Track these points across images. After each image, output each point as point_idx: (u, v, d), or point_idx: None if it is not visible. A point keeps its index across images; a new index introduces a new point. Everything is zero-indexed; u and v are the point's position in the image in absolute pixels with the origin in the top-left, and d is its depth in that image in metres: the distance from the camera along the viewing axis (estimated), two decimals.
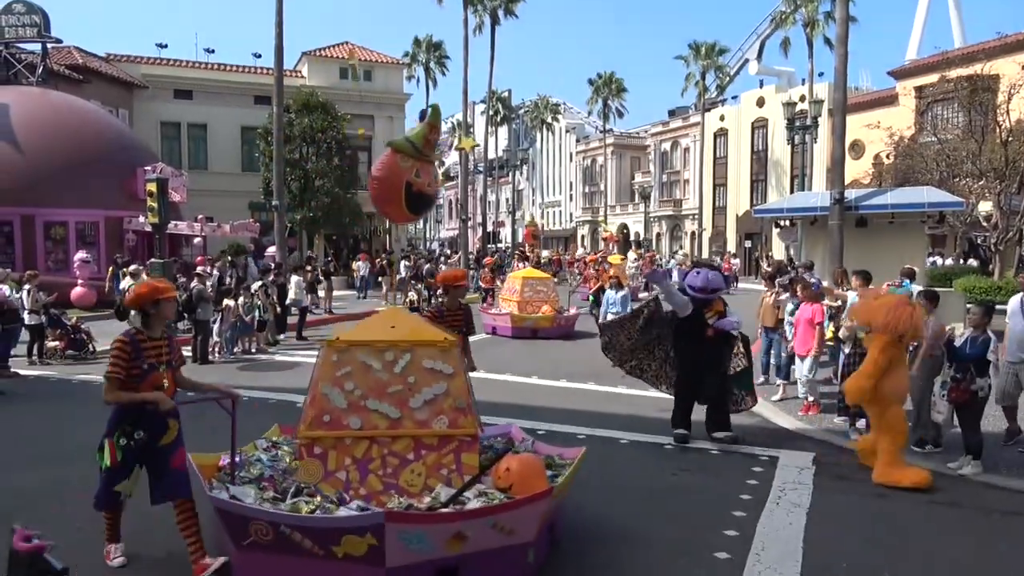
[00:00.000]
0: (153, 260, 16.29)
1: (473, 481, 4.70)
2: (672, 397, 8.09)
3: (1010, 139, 19.27)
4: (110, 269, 19.78)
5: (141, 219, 20.10)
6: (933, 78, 28.88)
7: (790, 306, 9.88)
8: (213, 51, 37.62)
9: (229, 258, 22.07)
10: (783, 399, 9.71)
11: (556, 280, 25.45)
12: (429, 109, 5.57)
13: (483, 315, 17.39)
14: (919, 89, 32.24)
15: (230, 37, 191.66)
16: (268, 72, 29.99)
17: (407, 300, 22.16)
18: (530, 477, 4.70)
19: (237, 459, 5.04)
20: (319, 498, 4.52)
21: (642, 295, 24.85)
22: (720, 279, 8.06)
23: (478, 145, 62.96)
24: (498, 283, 22.79)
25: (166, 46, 36.96)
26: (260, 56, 37.15)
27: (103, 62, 32.66)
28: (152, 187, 16.17)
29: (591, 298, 19.56)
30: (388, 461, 4.77)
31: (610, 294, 13.42)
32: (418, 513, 4.36)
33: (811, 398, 9.05)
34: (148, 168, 21.10)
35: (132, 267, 14.88)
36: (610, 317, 12.75)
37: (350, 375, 4.79)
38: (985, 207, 21.36)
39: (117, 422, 4.51)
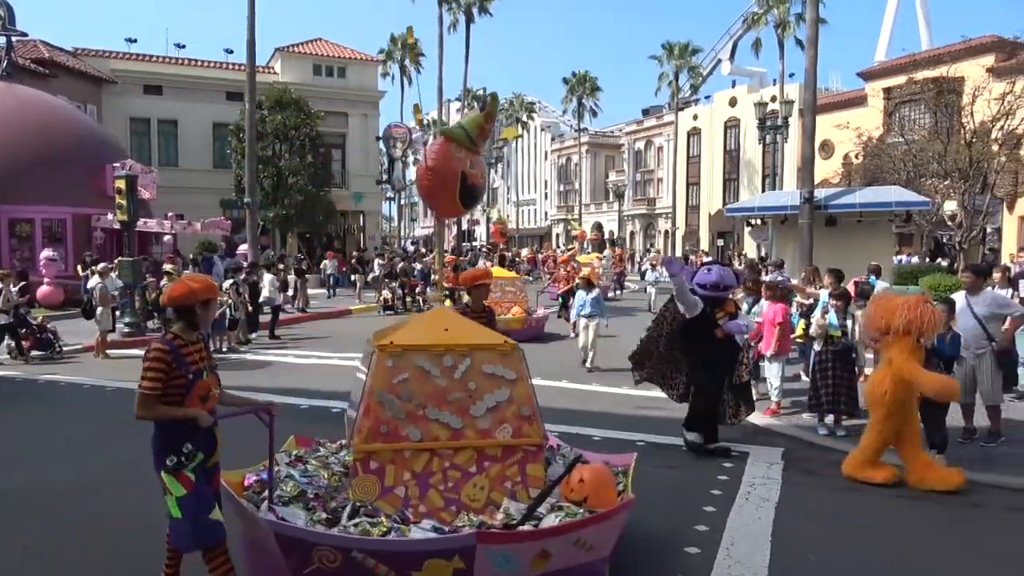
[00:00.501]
0: (122, 258, 16.01)
1: (545, 494, 4.38)
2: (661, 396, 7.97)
3: (974, 141, 19.69)
4: (78, 268, 19.52)
5: (110, 216, 19.78)
6: (901, 80, 29.43)
7: (745, 305, 9.78)
8: (184, 46, 37.20)
9: (191, 256, 21.82)
10: (757, 399, 9.74)
11: (531, 279, 25.43)
12: (488, 98, 5.24)
13: None
14: (887, 90, 32.83)
15: (201, 32, 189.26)
16: (240, 68, 29.68)
17: (381, 299, 22.14)
18: (602, 488, 4.44)
19: (265, 476, 4.56)
20: (384, 518, 4.12)
21: (613, 294, 24.99)
22: (732, 276, 7.62)
23: (520, 136, 62.45)
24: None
25: (135, 41, 36.41)
26: (232, 52, 36.83)
27: (70, 56, 32.08)
28: (121, 184, 15.90)
29: (560, 299, 19.14)
30: (449, 475, 4.39)
31: (581, 295, 12.81)
32: (509, 532, 3.99)
33: (778, 401, 9.03)
34: (117, 164, 20.77)
35: (101, 265, 14.63)
36: (581, 320, 12.48)
37: (407, 382, 4.38)
38: (950, 207, 21.81)
39: (169, 446, 3.82)
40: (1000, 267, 13.15)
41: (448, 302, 19.28)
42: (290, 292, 20.80)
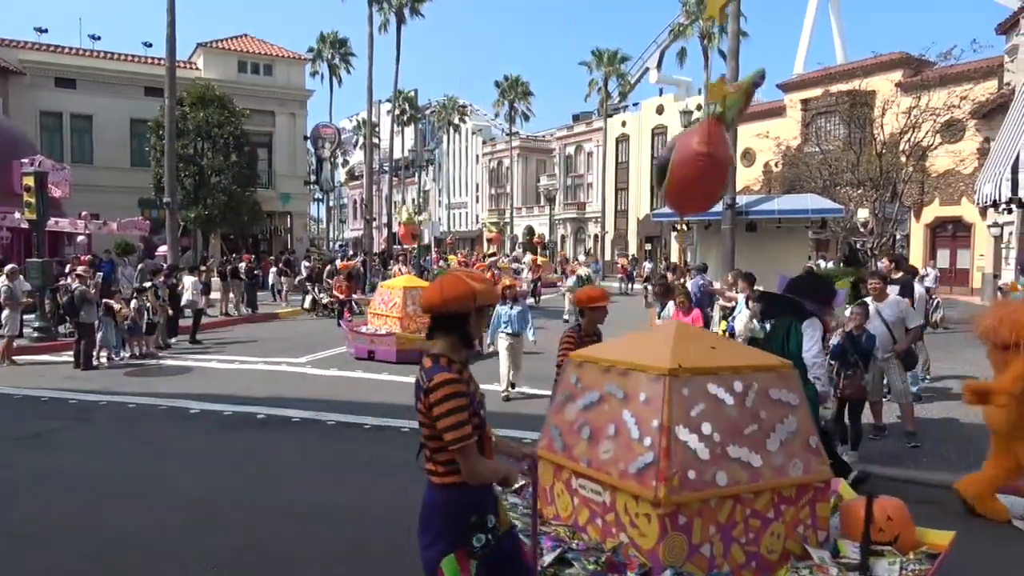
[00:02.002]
0: (30, 260, 15.22)
1: (868, 538, 3.73)
2: None
3: (884, 152, 20.69)
4: None
5: (17, 215, 18.77)
6: (817, 92, 30.79)
7: (667, 311, 9.77)
8: (99, 38, 35.85)
9: (90, 255, 20.94)
10: None
11: None
12: (755, 72, 4.58)
13: (349, 334, 14.25)
14: (805, 102, 34.19)
15: (118, 24, 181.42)
16: (160, 63, 28.63)
17: (308, 301, 21.75)
18: (907, 523, 3.94)
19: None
20: None
21: (528, 301, 23.00)
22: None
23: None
24: (356, 295, 18.91)
25: (46, 31, 34.75)
26: (151, 46, 35.55)
27: None
28: (29, 181, 15.11)
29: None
30: (750, 524, 3.72)
31: (501, 310, 10.58)
32: None
33: None
34: (25, 160, 19.73)
35: (8, 267, 13.88)
36: (501, 339, 10.50)
37: (704, 414, 3.67)
38: (863, 214, 22.87)
39: (460, 517, 2.73)
40: (889, 257, 13.81)
41: (348, 312, 17.44)
42: (217, 295, 20.08)
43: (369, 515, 5.70)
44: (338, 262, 25.23)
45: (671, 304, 9.60)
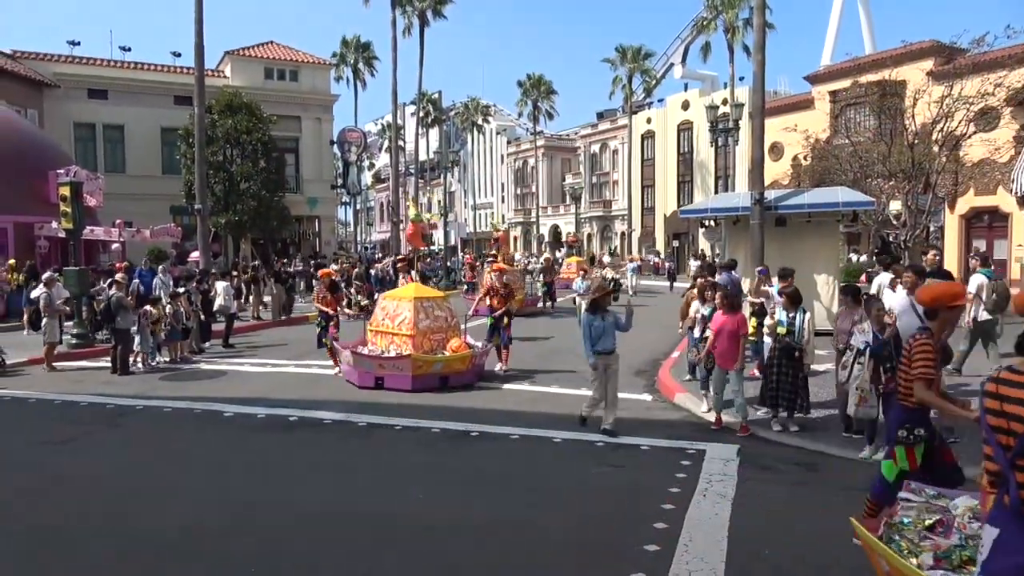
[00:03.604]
0: (67, 268, 15.55)
1: None
2: None
3: (916, 142, 20.34)
4: (22, 276, 18.95)
5: (54, 225, 19.20)
6: (846, 83, 30.25)
7: (704, 311, 9.61)
8: (129, 49, 36.44)
9: (126, 263, 21.29)
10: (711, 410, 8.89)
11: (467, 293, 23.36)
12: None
13: (351, 358, 11.34)
14: (833, 93, 33.66)
15: (147, 35, 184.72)
16: (189, 71, 29.09)
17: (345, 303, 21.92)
18: None
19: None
20: None
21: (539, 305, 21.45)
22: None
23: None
24: (343, 307, 14.90)
25: (79, 44, 35.52)
26: (180, 55, 36.13)
27: (9, 60, 31.01)
28: (65, 191, 15.44)
29: (490, 320, 12.56)
30: None
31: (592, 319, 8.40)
32: None
33: (742, 419, 8.29)
34: (61, 171, 20.17)
35: (47, 275, 14.21)
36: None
37: None
38: (895, 206, 22.51)
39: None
40: (932, 253, 13.63)
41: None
42: (253, 299, 20.33)
43: (396, 519, 5.74)
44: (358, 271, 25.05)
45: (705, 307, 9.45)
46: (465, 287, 25.77)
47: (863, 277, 20.56)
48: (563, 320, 19.70)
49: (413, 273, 13.77)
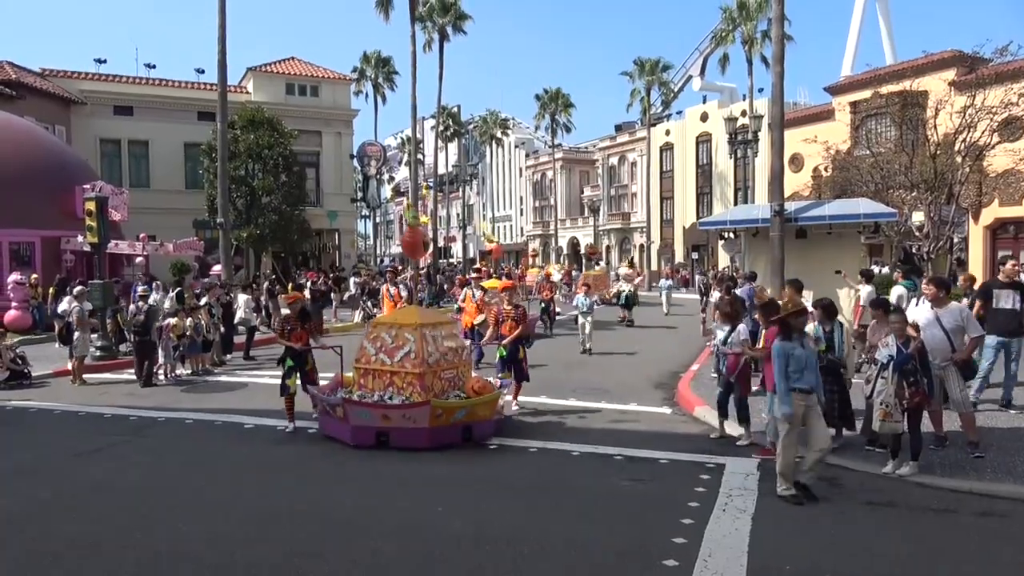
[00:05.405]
0: (92, 281, 15.79)
1: None
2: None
3: (938, 153, 20.12)
4: (51, 289, 19.32)
5: (80, 239, 19.52)
6: (866, 94, 30.05)
7: (735, 335, 8.58)
8: (154, 66, 36.96)
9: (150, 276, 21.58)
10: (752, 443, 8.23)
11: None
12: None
13: (349, 407, 8.41)
14: (854, 104, 33.44)
15: (172, 52, 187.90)
16: (212, 88, 29.54)
17: (359, 316, 22.04)
18: None
19: None
20: None
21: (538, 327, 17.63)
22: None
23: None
24: (317, 339, 11.32)
25: (105, 61, 36.28)
26: (203, 72, 36.66)
27: (38, 77, 31.71)
28: (91, 205, 15.71)
29: (500, 352, 10.25)
30: None
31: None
32: None
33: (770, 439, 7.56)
34: (87, 186, 20.54)
35: (78, 288, 14.44)
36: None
37: None
38: (918, 217, 22.26)
39: None
40: (965, 275, 13.51)
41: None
42: (274, 314, 20.43)
43: (421, 529, 5.75)
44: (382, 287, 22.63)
45: (741, 327, 8.62)
46: (455, 308, 18.66)
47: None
48: (563, 339, 19.52)
49: (401, 287, 11.78)
